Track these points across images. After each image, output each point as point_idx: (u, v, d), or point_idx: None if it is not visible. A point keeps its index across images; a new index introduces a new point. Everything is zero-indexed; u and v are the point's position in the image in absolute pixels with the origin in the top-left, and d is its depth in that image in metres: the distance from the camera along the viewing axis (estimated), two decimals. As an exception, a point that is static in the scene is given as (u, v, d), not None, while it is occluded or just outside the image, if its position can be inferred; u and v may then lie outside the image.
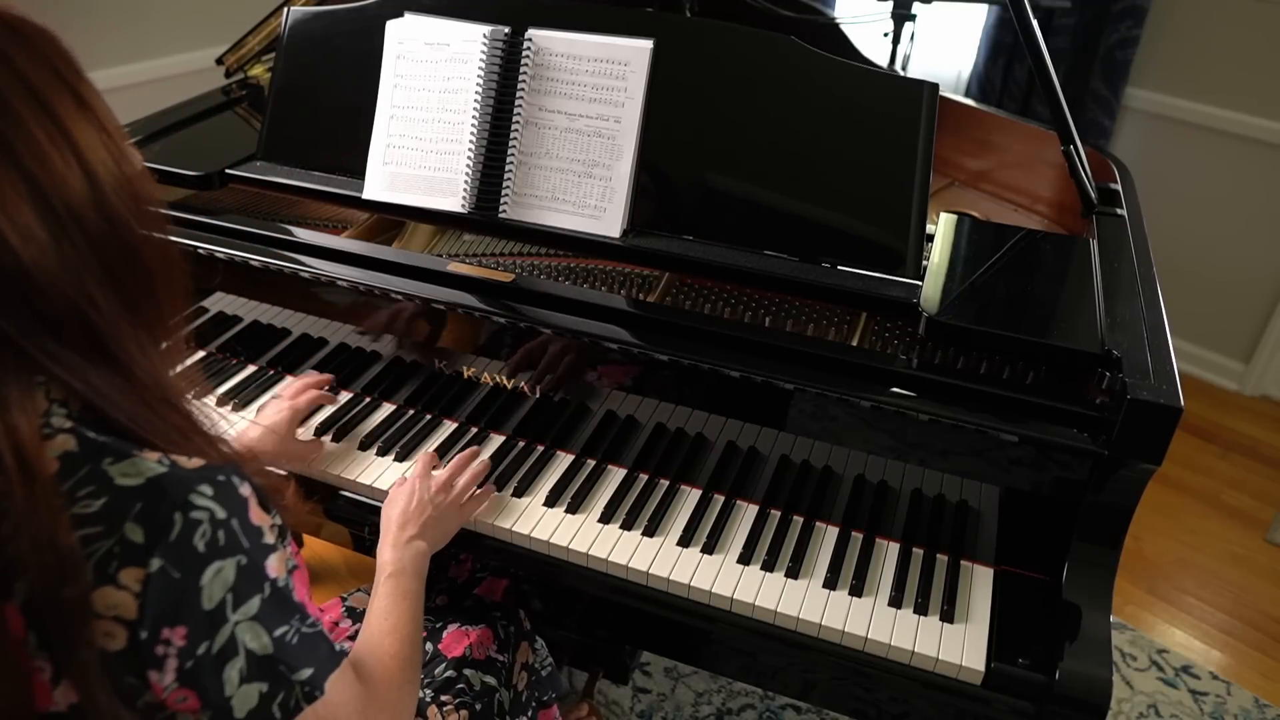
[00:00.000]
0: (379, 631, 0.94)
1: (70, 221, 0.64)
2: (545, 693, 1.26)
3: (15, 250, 0.61)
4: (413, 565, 1.03)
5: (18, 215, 0.61)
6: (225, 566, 0.65)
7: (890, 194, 1.20)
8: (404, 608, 0.97)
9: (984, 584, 1.10)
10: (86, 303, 0.65)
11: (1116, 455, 0.99)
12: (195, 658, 0.64)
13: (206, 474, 0.66)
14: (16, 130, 0.62)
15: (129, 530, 0.62)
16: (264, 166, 1.43)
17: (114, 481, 0.63)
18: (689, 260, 1.24)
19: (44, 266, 0.62)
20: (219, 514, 0.65)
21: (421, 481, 1.12)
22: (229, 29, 1.91)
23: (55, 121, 0.63)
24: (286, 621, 0.69)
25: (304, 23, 1.41)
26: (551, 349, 1.21)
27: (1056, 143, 1.34)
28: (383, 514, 1.10)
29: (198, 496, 0.65)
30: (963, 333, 1.10)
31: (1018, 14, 1.26)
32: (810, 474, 1.18)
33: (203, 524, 0.64)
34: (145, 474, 0.64)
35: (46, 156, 0.63)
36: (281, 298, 1.34)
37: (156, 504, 0.63)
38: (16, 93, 0.62)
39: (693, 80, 1.24)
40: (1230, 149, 2.67)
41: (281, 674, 0.68)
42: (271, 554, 0.69)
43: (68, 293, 0.64)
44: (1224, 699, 1.94)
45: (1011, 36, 2.81)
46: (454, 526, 1.12)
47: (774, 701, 1.87)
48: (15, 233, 0.61)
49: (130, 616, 0.63)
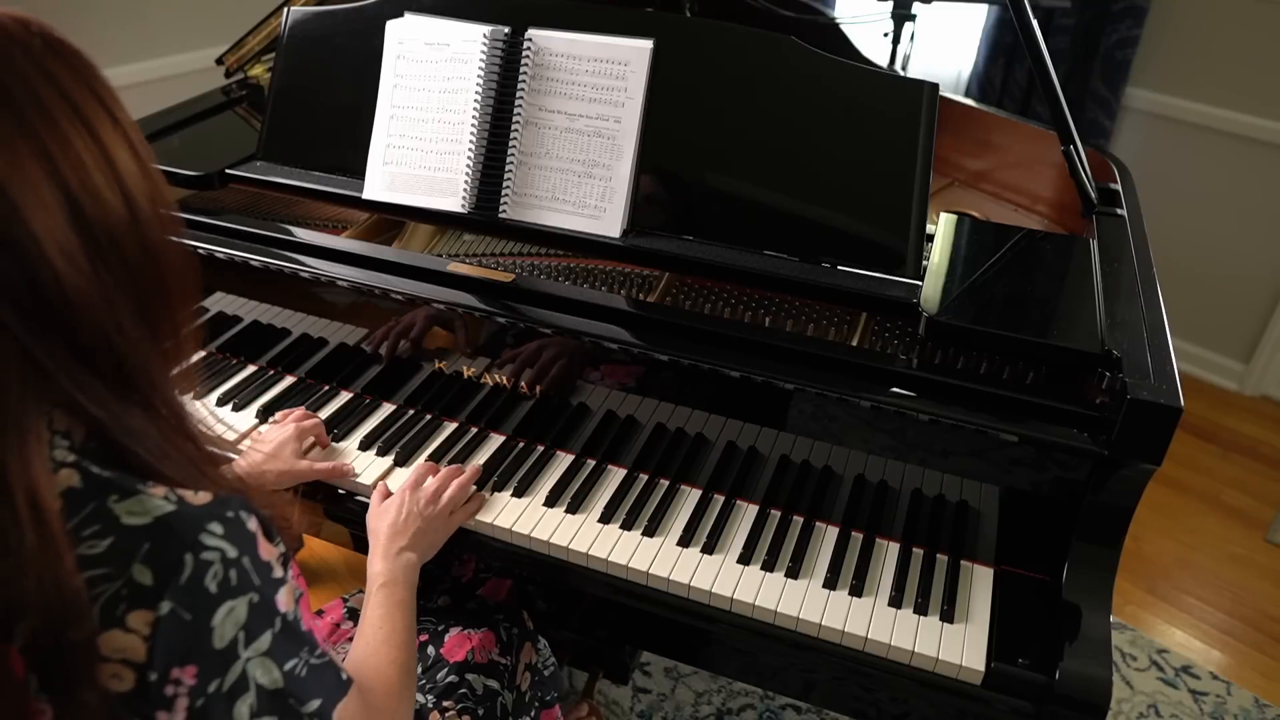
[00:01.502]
0: (374, 640, 0.94)
1: (110, 248, 0.62)
2: (548, 692, 1.26)
3: (59, 274, 0.59)
4: (404, 576, 1.03)
5: (62, 238, 0.59)
6: (237, 605, 0.64)
7: (890, 194, 1.20)
8: (398, 617, 0.98)
9: (984, 584, 1.10)
10: (116, 332, 0.63)
11: (1116, 455, 0.99)
12: (206, 696, 0.63)
13: (215, 511, 0.64)
14: (64, 150, 0.60)
15: (137, 572, 0.61)
16: (264, 166, 1.43)
17: (120, 520, 0.62)
18: (689, 260, 1.24)
19: (82, 292, 0.61)
20: (230, 553, 0.64)
21: (410, 494, 1.12)
22: (229, 29, 1.91)
23: (99, 144, 0.62)
24: (296, 654, 0.69)
25: (304, 23, 1.41)
26: (550, 351, 1.21)
27: (1056, 143, 1.34)
28: (370, 526, 1.10)
29: (208, 536, 0.63)
30: (963, 333, 1.10)
31: (1018, 14, 1.26)
32: (810, 474, 1.18)
33: (214, 564, 0.63)
34: (153, 513, 0.62)
35: (91, 179, 0.61)
36: (281, 298, 1.34)
37: (165, 544, 0.62)
38: (63, 112, 0.60)
39: (693, 80, 1.24)
40: (1230, 149, 2.67)
41: (291, 707, 0.68)
42: (281, 587, 0.68)
43: (101, 320, 0.62)
44: (1224, 699, 1.94)
45: (1011, 36, 2.81)
46: (442, 538, 1.12)
47: (774, 701, 1.87)
48: (60, 256, 0.59)
49: (139, 659, 0.61)
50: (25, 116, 0.58)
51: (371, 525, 1.10)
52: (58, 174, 0.59)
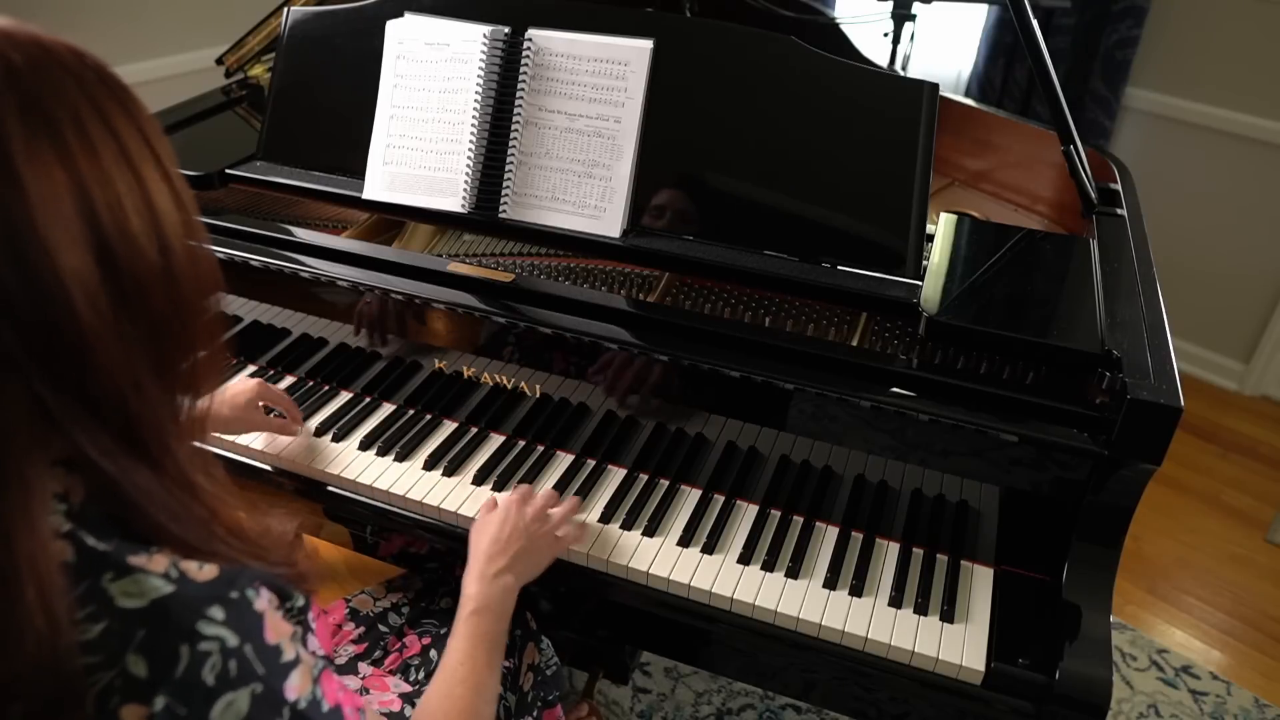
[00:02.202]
0: (452, 678, 0.89)
1: (136, 297, 0.57)
2: (550, 692, 1.26)
3: (79, 317, 0.55)
4: (498, 603, 0.98)
5: (89, 279, 0.55)
6: (238, 698, 0.59)
7: (890, 194, 1.20)
8: (481, 653, 0.92)
9: (984, 584, 1.10)
10: (131, 386, 0.58)
11: (1116, 455, 0.99)
12: None
13: (218, 591, 0.60)
14: (104, 188, 0.56)
15: (131, 663, 0.56)
16: (264, 166, 1.43)
17: (114, 603, 0.57)
18: (689, 260, 1.24)
19: (101, 339, 0.56)
20: (230, 642, 0.59)
21: (517, 508, 1.07)
22: (229, 29, 1.91)
23: (141, 186, 0.58)
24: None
25: (304, 23, 1.41)
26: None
27: (1056, 143, 1.34)
28: (471, 541, 1.05)
29: (206, 624, 0.58)
30: (963, 333, 1.10)
31: (1018, 14, 1.26)
32: (810, 474, 1.18)
33: (212, 655, 0.58)
34: (149, 595, 0.57)
35: (127, 222, 0.57)
36: (281, 298, 1.34)
37: (160, 632, 0.57)
38: (108, 148, 0.57)
39: (693, 80, 1.24)
40: (1230, 149, 2.67)
41: None
42: (292, 671, 0.63)
43: (117, 372, 0.58)
44: (1224, 699, 1.94)
45: (1011, 36, 2.81)
46: (546, 560, 1.07)
47: (774, 701, 1.87)
48: (84, 298, 0.55)
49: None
50: (68, 148, 0.55)
51: (472, 539, 1.05)
52: (93, 212, 0.55)
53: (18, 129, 0.53)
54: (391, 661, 1.16)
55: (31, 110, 0.53)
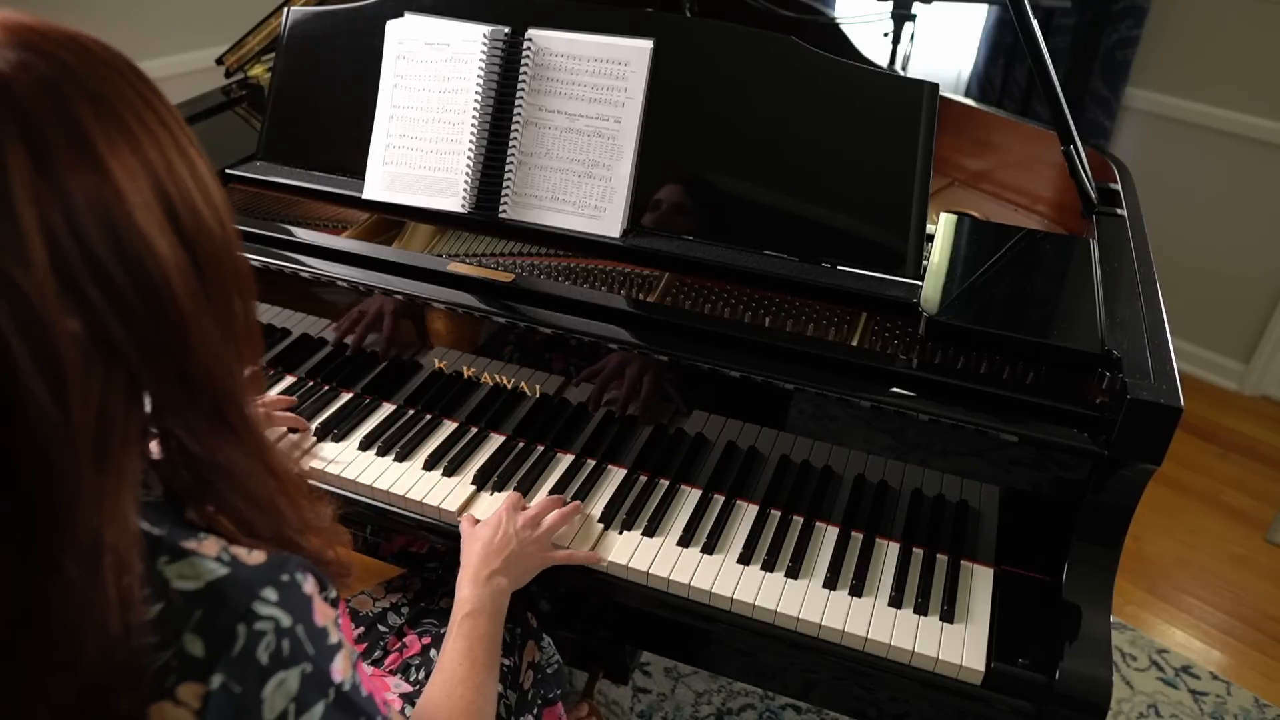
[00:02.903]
0: (452, 678, 0.91)
1: (210, 268, 0.59)
2: (551, 690, 1.26)
3: (177, 297, 0.56)
4: (492, 604, 1.00)
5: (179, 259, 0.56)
6: (289, 677, 0.61)
7: (890, 194, 1.20)
8: (479, 653, 0.94)
9: (984, 584, 1.10)
10: (219, 364, 0.60)
11: (1116, 455, 0.99)
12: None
13: (270, 574, 0.61)
14: (170, 171, 0.57)
15: (188, 642, 0.58)
16: (264, 166, 1.43)
17: (171, 585, 0.59)
18: (689, 260, 1.24)
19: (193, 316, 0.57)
20: (284, 622, 0.60)
21: (509, 515, 1.10)
22: (229, 29, 1.91)
23: (190, 165, 0.59)
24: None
25: (304, 23, 1.41)
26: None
27: (1056, 143, 1.34)
28: (464, 547, 1.09)
29: (261, 604, 0.60)
30: (963, 333, 1.10)
31: (1018, 14, 1.26)
32: (810, 474, 1.18)
33: (267, 635, 0.60)
34: (204, 577, 0.59)
35: (193, 199, 0.58)
36: (281, 298, 1.34)
37: (217, 612, 0.58)
38: (163, 134, 0.58)
39: (693, 80, 1.24)
40: (1230, 149, 2.67)
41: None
42: (336, 655, 0.65)
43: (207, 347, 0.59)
44: (1224, 699, 1.94)
45: (1011, 36, 2.81)
46: (536, 565, 1.09)
47: (774, 701, 1.87)
48: (179, 277, 0.56)
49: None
50: (135, 136, 0.56)
51: (464, 545, 1.08)
52: (166, 195, 0.57)
53: (94, 122, 0.53)
54: (391, 661, 1.16)
55: (99, 102, 0.54)
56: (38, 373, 0.51)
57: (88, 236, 0.52)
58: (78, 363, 0.52)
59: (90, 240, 0.52)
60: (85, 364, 0.53)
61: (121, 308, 0.54)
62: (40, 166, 0.50)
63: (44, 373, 0.51)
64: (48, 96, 0.52)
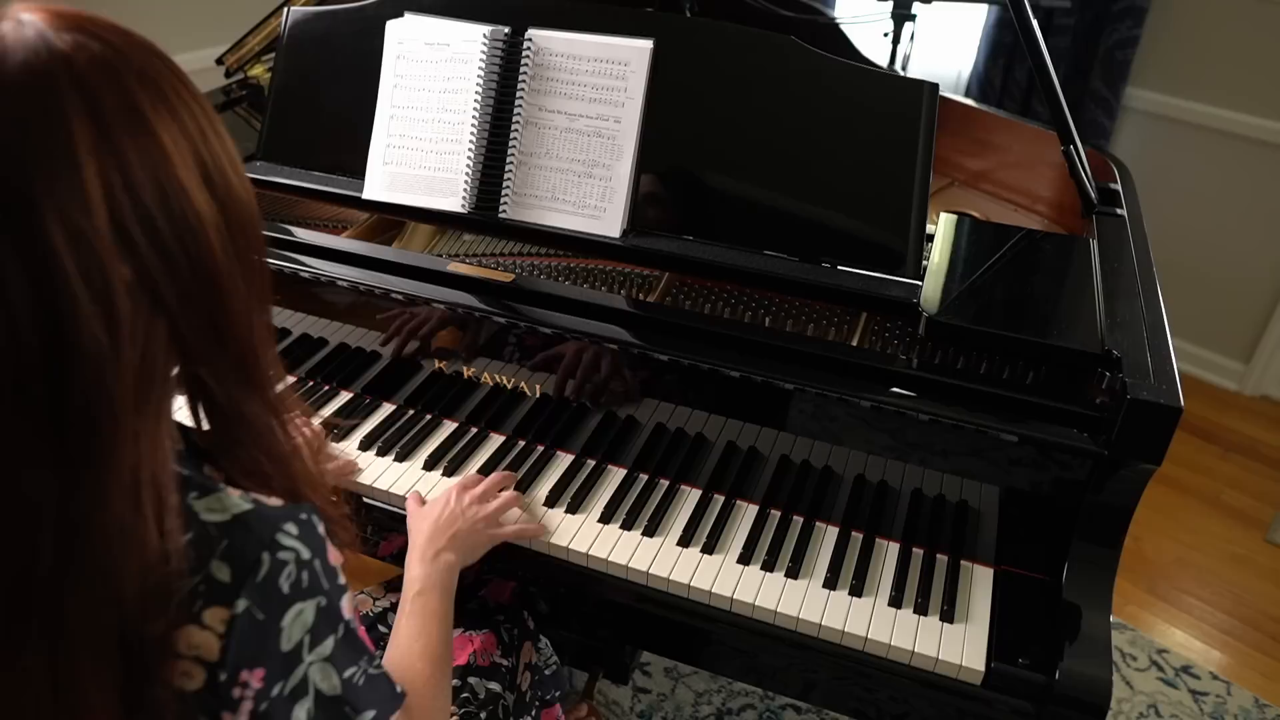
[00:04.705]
0: (410, 654, 0.93)
1: (240, 231, 0.64)
2: (549, 691, 1.26)
3: (214, 252, 0.61)
4: (441, 581, 1.01)
5: (215, 218, 0.62)
6: (306, 608, 0.65)
7: (890, 194, 1.20)
8: (433, 628, 0.96)
9: (984, 584, 1.10)
10: (245, 315, 0.65)
11: (1116, 455, 0.99)
12: (269, 699, 0.63)
13: (290, 513, 0.66)
14: (204, 140, 0.62)
15: (215, 568, 0.61)
16: (264, 166, 1.43)
17: (200, 516, 0.62)
18: (689, 260, 1.24)
19: (226, 272, 0.63)
20: (304, 554, 0.64)
21: (456, 494, 1.12)
22: (229, 29, 1.91)
23: (220, 137, 0.64)
24: (355, 663, 0.69)
25: (304, 23, 1.41)
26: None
27: (1056, 143, 1.34)
28: (411, 525, 1.10)
29: (284, 536, 0.64)
30: (963, 333, 1.10)
31: (1018, 14, 1.26)
32: (810, 474, 1.18)
33: (288, 565, 0.63)
34: (231, 510, 0.63)
35: (225, 169, 0.63)
36: (282, 298, 1.34)
37: (244, 541, 0.62)
38: (198, 106, 0.64)
39: (693, 80, 1.24)
40: (1230, 149, 2.67)
41: (347, 715, 0.68)
42: (345, 594, 0.68)
43: (238, 302, 0.64)
44: (1224, 699, 1.94)
45: (1011, 36, 2.81)
46: (485, 542, 1.10)
47: (774, 701, 1.87)
48: (216, 234, 0.62)
49: (212, 658, 0.61)
50: (174, 108, 0.61)
51: (411, 525, 1.10)
52: (203, 160, 0.62)
53: (144, 96, 0.59)
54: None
55: (146, 80, 0.60)
56: (96, 313, 0.56)
57: (140, 192, 0.57)
58: (129, 306, 0.57)
59: (142, 196, 0.57)
60: (135, 307, 0.58)
61: (166, 257, 0.59)
62: (101, 131, 0.56)
63: (101, 313, 0.56)
64: (104, 72, 0.58)
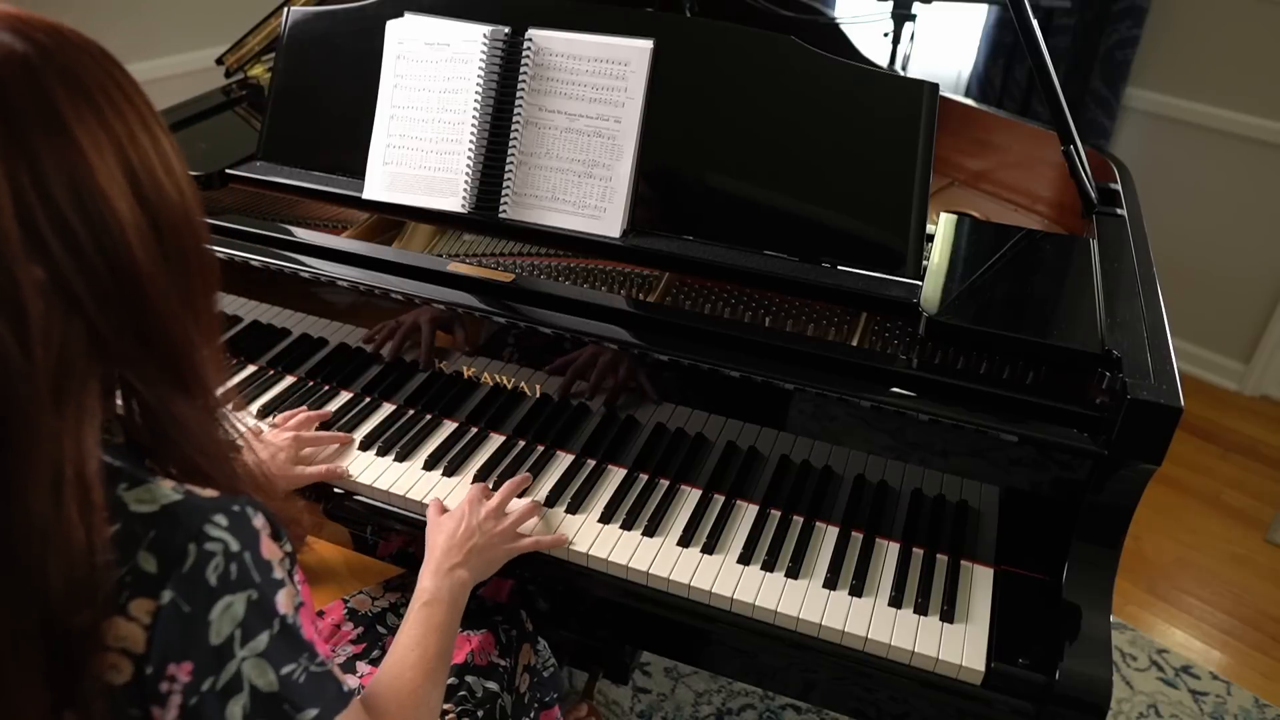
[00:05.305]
0: (403, 663, 0.92)
1: (170, 237, 0.64)
2: (547, 693, 1.26)
3: (134, 254, 0.61)
4: (450, 595, 1.00)
5: (137, 221, 0.62)
6: (235, 601, 0.64)
7: (890, 194, 1.20)
8: (433, 641, 0.95)
9: (984, 584, 1.10)
10: (172, 318, 0.65)
11: (1116, 455, 0.99)
12: (200, 694, 0.63)
13: (221, 504, 0.65)
14: (133, 145, 0.63)
15: (142, 559, 0.61)
16: (264, 166, 1.43)
17: (128, 508, 0.62)
18: (689, 260, 1.24)
19: (149, 275, 0.63)
20: (232, 546, 0.64)
21: (471, 508, 1.10)
22: (229, 29, 1.91)
23: (155, 143, 0.65)
24: (294, 659, 0.68)
25: (304, 23, 1.41)
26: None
27: (1056, 143, 1.34)
28: (428, 538, 1.09)
29: (212, 527, 0.63)
30: (963, 333, 1.10)
31: (1018, 14, 1.26)
32: (810, 474, 1.18)
33: (216, 556, 0.63)
34: (160, 500, 0.63)
35: (155, 173, 0.64)
36: (281, 298, 1.34)
37: (170, 532, 0.62)
38: (130, 111, 0.64)
39: (693, 80, 1.24)
40: (1230, 149, 2.67)
41: (286, 713, 0.67)
42: (280, 590, 0.67)
43: (161, 305, 0.64)
44: (1224, 699, 1.94)
45: (1011, 36, 2.81)
46: (501, 557, 1.09)
47: (774, 701, 1.87)
48: (136, 236, 0.61)
49: (138, 650, 0.61)
50: (102, 111, 0.61)
51: (428, 538, 1.08)
52: (130, 165, 0.62)
53: (64, 96, 0.59)
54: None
55: (69, 80, 0.60)
56: (2, 313, 0.56)
57: (52, 194, 0.57)
58: (40, 307, 0.58)
59: (54, 197, 0.57)
60: (48, 309, 0.58)
61: (81, 259, 0.59)
62: (10, 131, 0.57)
63: (7, 313, 0.56)
64: (22, 71, 0.58)
